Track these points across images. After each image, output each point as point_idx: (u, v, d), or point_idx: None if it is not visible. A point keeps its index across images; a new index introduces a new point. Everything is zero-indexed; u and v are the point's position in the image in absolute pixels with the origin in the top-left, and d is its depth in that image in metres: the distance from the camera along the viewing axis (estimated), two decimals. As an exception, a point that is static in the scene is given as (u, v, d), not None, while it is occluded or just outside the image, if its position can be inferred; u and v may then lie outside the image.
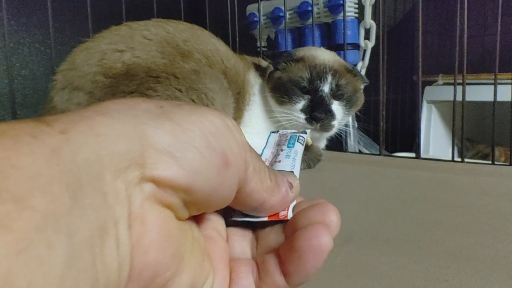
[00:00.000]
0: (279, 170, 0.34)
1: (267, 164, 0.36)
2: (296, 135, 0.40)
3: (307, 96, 0.87)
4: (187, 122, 0.23)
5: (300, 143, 0.39)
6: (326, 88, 0.87)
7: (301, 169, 0.84)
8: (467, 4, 0.92)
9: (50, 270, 0.16)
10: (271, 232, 0.29)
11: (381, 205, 0.65)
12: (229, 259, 0.27)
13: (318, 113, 0.85)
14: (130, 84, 0.72)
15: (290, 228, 0.27)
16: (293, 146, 0.38)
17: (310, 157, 0.90)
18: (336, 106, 0.88)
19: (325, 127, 0.86)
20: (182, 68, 0.77)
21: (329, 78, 0.87)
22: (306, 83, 0.87)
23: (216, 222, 0.28)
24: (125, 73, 0.73)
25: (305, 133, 0.41)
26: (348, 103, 0.90)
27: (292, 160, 0.36)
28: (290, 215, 0.28)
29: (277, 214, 0.29)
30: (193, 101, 0.75)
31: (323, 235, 0.24)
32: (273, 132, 0.43)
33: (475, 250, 0.46)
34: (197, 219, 0.27)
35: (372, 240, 0.50)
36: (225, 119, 0.24)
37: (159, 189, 0.21)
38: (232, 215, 0.30)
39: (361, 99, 0.94)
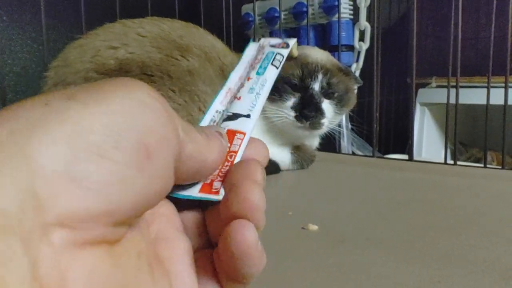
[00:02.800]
0: (233, 114, 0.29)
1: (228, 99, 0.31)
2: (273, 53, 0.32)
3: (297, 94, 0.87)
4: (83, 119, 0.17)
5: (275, 65, 0.31)
6: (316, 86, 0.87)
7: (294, 169, 0.83)
8: (461, 7, 0.92)
9: None
10: (216, 213, 0.25)
11: (374, 207, 0.65)
12: (192, 255, 0.24)
13: (307, 111, 0.84)
14: (123, 81, 0.71)
15: (224, 213, 0.24)
16: (263, 73, 0.31)
17: (303, 157, 0.90)
18: (327, 105, 0.87)
19: (315, 125, 0.85)
20: (178, 66, 0.76)
21: (320, 76, 0.87)
22: (297, 80, 0.87)
23: (162, 213, 0.24)
24: (118, 69, 0.72)
25: (288, 46, 0.34)
26: (339, 102, 0.89)
27: (254, 97, 0.29)
28: (222, 192, 0.25)
29: (210, 186, 0.25)
30: (185, 102, 0.75)
31: (247, 236, 0.21)
32: (253, 41, 0.35)
33: (468, 252, 0.46)
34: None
35: (365, 241, 0.50)
36: (137, 94, 0.20)
37: (73, 228, 0.16)
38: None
39: (353, 99, 0.94)
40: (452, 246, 0.48)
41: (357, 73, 1.25)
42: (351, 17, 1.27)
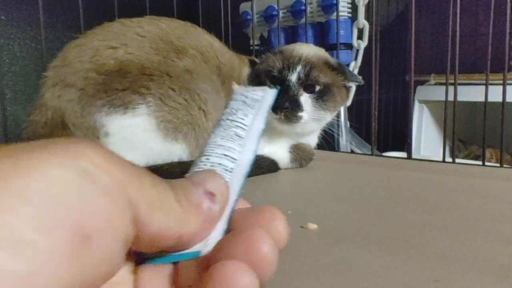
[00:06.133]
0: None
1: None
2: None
3: (277, 87, 0.87)
4: (3, 196, 0.14)
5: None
6: (293, 77, 0.86)
7: (293, 167, 0.84)
8: (459, 5, 0.92)
9: None
10: (191, 262, 0.21)
11: (372, 205, 0.65)
12: None
13: (281, 101, 0.83)
14: (122, 81, 0.72)
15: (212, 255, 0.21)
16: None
17: (302, 156, 0.90)
18: (305, 98, 0.86)
19: (290, 118, 0.84)
20: (176, 66, 0.76)
21: (298, 68, 0.86)
22: (276, 72, 0.87)
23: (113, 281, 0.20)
24: (118, 70, 0.73)
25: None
26: (321, 96, 0.87)
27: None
28: (217, 237, 0.22)
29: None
30: (186, 100, 0.75)
31: (240, 278, 0.18)
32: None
33: (465, 251, 0.46)
34: None
35: (362, 239, 0.50)
36: (77, 163, 0.16)
37: None
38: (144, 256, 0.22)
39: (340, 95, 0.91)
40: (449, 245, 0.48)
41: (356, 72, 1.25)
42: (349, 15, 1.27)
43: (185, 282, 0.21)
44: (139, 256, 0.21)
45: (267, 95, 0.30)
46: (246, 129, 0.27)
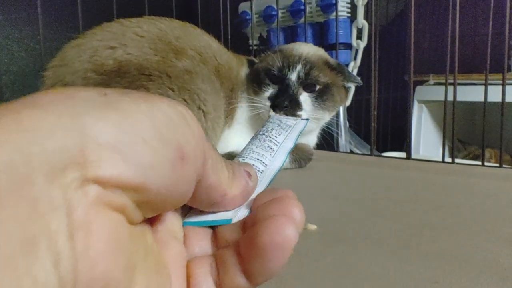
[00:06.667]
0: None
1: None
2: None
3: (277, 86, 0.87)
4: (135, 112, 0.20)
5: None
6: (293, 76, 0.86)
7: (292, 168, 0.85)
8: (458, 4, 0.92)
9: None
10: (229, 226, 0.27)
11: (371, 206, 0.65)
12: (186, 263, 0.25)
13: (280, 100, 0.83)
14: (121, 81, 0.72)
15: (249, 221, 0.25)
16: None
17: (301, 156, 0.90)
18: (305, 97, 0.86)
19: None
20: (175, 66, 0.76)
21: (299, 67, 0.86)
22: (276, 71, 0.87)
23: (171, 223, 0.25)
24: (116, 70, 0.72)
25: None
26: (320, 96, 0.87)
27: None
28: (244, 214, 0.27)
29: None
30: (185, 101, 0.75)
31: (286, 228, 0.22)
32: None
33: (466, 251, 0.46)
34: (150, 221, 0.24)
35: (362, 240, 0.50)
36: (179, 108, 0.22)
37: (106, 190, 0.19)
38: (186, 214, 0.27)
39: (339, 95, 0.91)
40: (450, 246, 0.48)
41: (355, 72, 1.25)
42: (349, 15, 1.27)
43: (222, 243, 0.26)
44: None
45: (299, 123, 0.38)
46: (278, 145, 0.34)
